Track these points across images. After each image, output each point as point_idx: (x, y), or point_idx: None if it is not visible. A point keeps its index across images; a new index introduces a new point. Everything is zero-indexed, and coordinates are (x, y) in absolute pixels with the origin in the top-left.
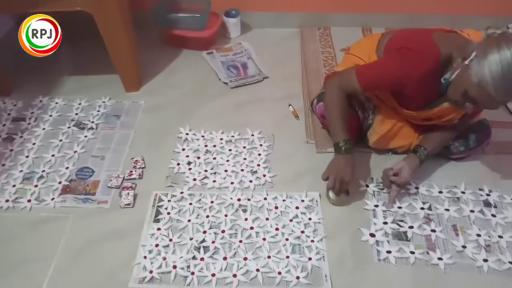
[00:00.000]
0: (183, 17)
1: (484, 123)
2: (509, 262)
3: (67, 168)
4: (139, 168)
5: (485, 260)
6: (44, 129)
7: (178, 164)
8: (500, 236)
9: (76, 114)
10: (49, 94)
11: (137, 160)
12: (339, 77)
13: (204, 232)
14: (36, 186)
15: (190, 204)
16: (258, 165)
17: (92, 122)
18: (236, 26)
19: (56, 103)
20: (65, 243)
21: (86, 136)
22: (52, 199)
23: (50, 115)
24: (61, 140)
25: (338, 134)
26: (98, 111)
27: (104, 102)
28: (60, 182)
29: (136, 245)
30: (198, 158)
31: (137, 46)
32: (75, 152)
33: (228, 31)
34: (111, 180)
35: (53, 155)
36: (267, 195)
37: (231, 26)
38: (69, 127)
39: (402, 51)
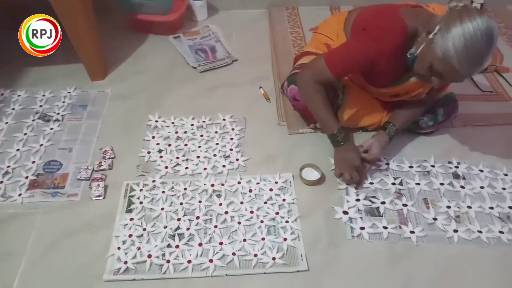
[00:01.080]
0: (147, 1)
1: (451, 96)
2: (478, 231)
3: (33, 162)
4: (109, 158)
5: (455, 231)
6: (7, 123)
7: (149, 152)
8: (469, 207)
9: (41, 106)
10: (10, 86)
11: (106, 151)
12: (309, 69)
13: (179, 219)
14: (1, 182)
15: (163, 192)
16: (231, 149)
17: (58, 113)
18: (202, 9)
19: (19, 95)
20: (36, 238)
21: (52, 129)
22: (20, 194)
23: (13, 109)
24: (25, 134)
25: (330, 126)
26: (63, 102)
27: (69, 92)
28: (27, 177)
29: (109, 236)
30: (169, 145)
31: (101, 32)
32: (41, 145)
33: (195, 14)
34: (80, 172)
35: (18, 150)
36: (241, 179)
37: (197, 9)
38: (33, 120)
39: (368, 30)
